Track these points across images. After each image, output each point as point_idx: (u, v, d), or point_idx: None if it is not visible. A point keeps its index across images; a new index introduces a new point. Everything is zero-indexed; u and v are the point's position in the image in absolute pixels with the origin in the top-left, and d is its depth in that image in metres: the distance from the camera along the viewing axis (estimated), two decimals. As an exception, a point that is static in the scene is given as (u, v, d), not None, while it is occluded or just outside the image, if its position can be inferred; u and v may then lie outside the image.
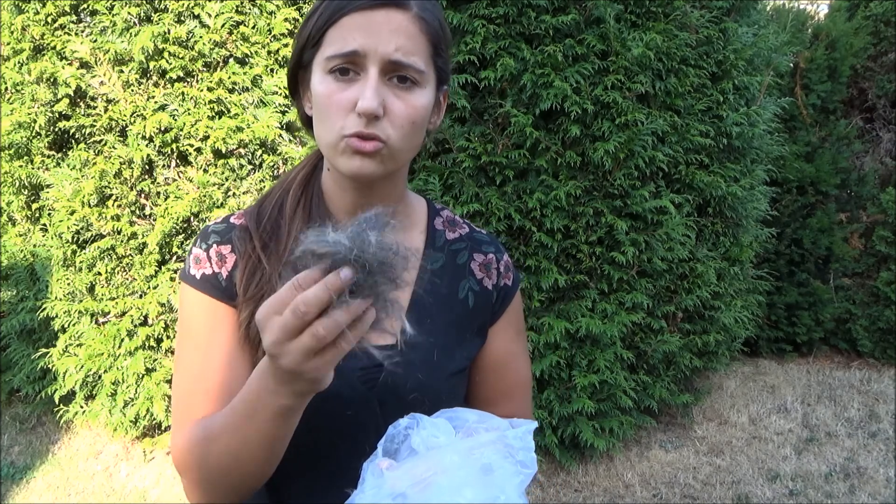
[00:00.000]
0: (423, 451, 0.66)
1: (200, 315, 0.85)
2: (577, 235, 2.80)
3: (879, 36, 4.49)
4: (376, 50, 0.76)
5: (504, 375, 0.97)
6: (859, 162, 4.40)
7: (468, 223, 0.99)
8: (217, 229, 0.88)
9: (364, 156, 0.77)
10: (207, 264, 0.86)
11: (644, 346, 3.08)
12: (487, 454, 0.65)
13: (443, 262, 0.93)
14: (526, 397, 1.00)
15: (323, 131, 0.80)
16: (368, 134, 0.76)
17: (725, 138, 3.08)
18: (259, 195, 2.79)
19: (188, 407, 0.82)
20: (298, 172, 0.91)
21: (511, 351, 0.97)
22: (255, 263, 0.83)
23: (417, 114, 0.79)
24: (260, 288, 0.81)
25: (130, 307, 2.87)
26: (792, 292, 4.27)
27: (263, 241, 0.85)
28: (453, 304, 0.92)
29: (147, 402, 2.93)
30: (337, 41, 0.77)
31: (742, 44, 3.11)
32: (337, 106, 0.77)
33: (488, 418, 0.72)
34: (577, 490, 2.97)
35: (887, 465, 3.17)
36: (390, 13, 0.77)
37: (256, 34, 2.73)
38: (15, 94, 2.97)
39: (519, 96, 2.71)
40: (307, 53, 0.82)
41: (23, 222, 3.17)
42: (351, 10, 0.77)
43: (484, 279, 0.94)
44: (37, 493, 2.91)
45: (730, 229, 3.30)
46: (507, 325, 0.97)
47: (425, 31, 0.80)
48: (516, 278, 0.98)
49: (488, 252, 0.96)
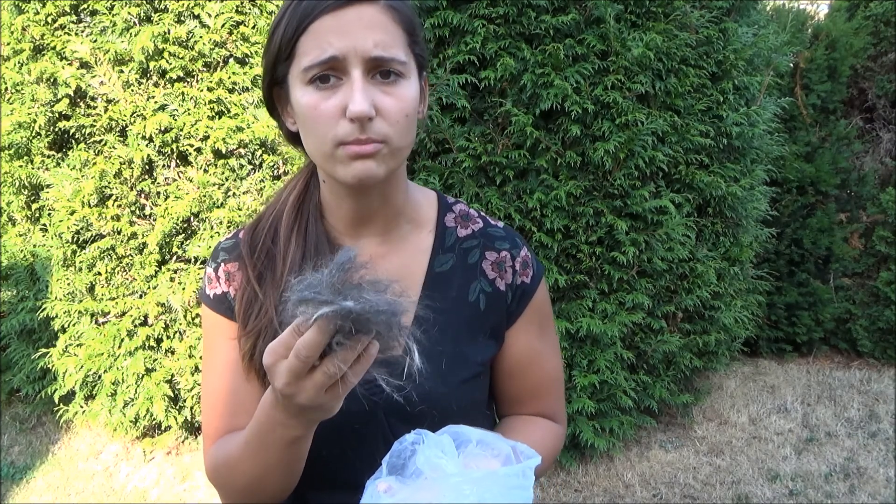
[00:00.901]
0: (425, 473, 0.68)
1: (216, 334, 0.87)
2: (577, 235, 2.80)
3: (879, 36, 4.49)
4: (355, 50, 0.73)
5: (529, 375, 0.94)
6: (859, 162, 4.40)
7: (484, 217, 0.93)
8: (226, 246, 0.89)
9: (365, 158, 0.75)
10: (217, 284, 0.87)
11: (644, 346, 3.08)
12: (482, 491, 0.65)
13: (452, 264, 0.89)
14: (555, 394, 0.97)
15: (314, 144, 0.77)
16: (366, 139, 0.74)
17: (725, 138, 3.08)
18: (259, 195, 2.80)
19: (211, 422, 0.87)
20: (290, 193, 0.88)
21: (535, 350, 0.93)
22: (251, 295, 0.82)
23: (409, 106, 0.77)
24: (259, 321, 0.81)
25: (130, 307, 2.87)
26: (792, 292, 4.27)
27: (259, 271, 0.83)
28: (463, 308, 0.88)
29: (147, 403, 2.93)
30: (312, 50, 0.74)
31: (742, 44, 3.11)
32: (325, 116, 0.74)
33: (492, 440, 0.73)
34: (577, 490, 2.97)
35: (887, 465, 3.17)
36: (361, 9, 0.73)
37: (256, 34, 2.73)
38: (15, 94, 2.97)
39: (519, 96, 2.71)
40: (280, 68, 0.78)
41: (23, 222, 3.17)
42: (319, 14, 0.73)
43: (496, 279, 0.89)
44: (37, 493, 2.91)
45: (730, 229, 3.30)
46: (528, 325, 0.92)
47: (398, 21, 0.76)
48: (537, 274, 0.92)
49: (502, 249, 0.90)
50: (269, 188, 2.80)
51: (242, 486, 0.79)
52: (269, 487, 0.78)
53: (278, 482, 0.77)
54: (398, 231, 0.87)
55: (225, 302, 0.86)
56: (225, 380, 0.85)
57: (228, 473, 0.81)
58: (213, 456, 0.84)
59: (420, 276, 0.87)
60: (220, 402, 0.85)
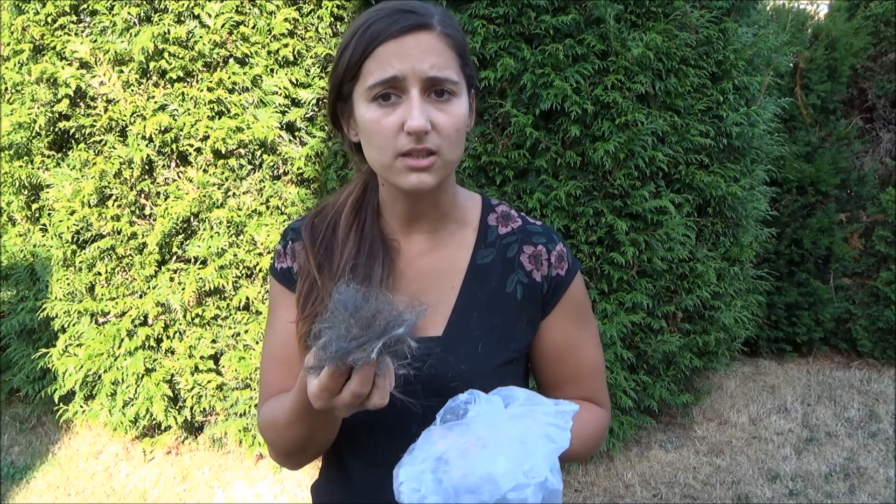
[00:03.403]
0: (471, 422, 0.76)
1: (279, 303, 1.00)
2: (577, 235, 2.80)
3: (879, 36, 4.48)
4: (413, 72, 0.83)
5: (565, 363, 1.01)
6: (859, 162, 4.39)
7: (523, 216, 1.02)
8: (295, 227, 1.01)
9: (421, 171, 0.85)
10: (285, 259, 1.00)
11: (644, 346, 3.08)
12: (522, 428, 0.73)
13: (493, 257, 0.98)
14: (594, 381, 1.04)
15: (375, 154, 0.88)
16: (421, 149, 0.84)
17: (725, 138, 3.08)
18: (259, 195, 2.80)
19: (266, 376, 1.00)
20: (349, 195, 0.99)
21: (571, 340, 1.00)
22: (311, 283, 0.94)
23: (460, 121, 0.87)
24: (315, 307, 0.92)
25: (130, 307, 2.87)
26: (792, 292, 4.27)
27: (318, 262, 0.95)
28: (501, 298, 0.96)
29: (147, 402, 2.93)
30: (376, 71, 0.84)
31: (742, 44, 3.11)
32: (386, 130, 0.85)
33: (535, 398, 0.81)
34: (577, 490, 2.97)
35: (887, 465, 3.17)
36: (419, 36, 0.84)
37: (256, 34, 2.73)
38: (15, 95, 2.97)
39: (519, 96, 2.71)
40: (346, 87, 0.89)
41: (23, 222, 3.17)
42: (384, 40, 0.84)
43: (533, 271, 0.98)
44: (37, 493, 2.91)
45: (730, 229, 3.30)
46: (563, 315, 0.99)
47: (451, 45, 0.87)
48: (572, 268, 1.00)
49: (538, 243, 0.99)
50: (268, 188, 2.80)
51: (285, 445, 0.93)
52: (308, 447, 0.92)
53: (316, 442, 0.91)
54: (445, 229, 0.98)
55: (289, 276, 0.98)
56: (282, 342, 0.97)
57: (274, 433, 0.93)
58: (263, 414, 0.97)
59: (463, 269, 0.97)
60: (276, 362, 0.99)
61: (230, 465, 3.09)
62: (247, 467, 3.07)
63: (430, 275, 0.96)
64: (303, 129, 2.82)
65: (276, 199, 2.80)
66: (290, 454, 0.95)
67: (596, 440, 1.03)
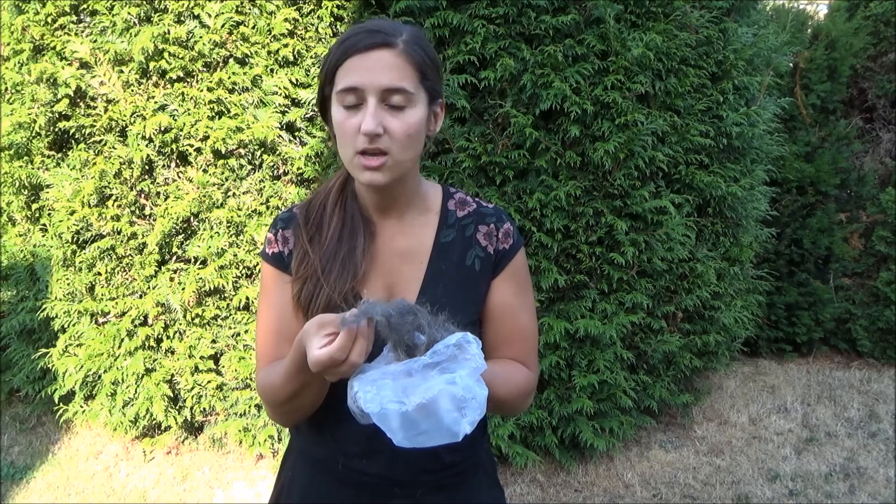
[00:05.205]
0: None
1: (272, 283, 1.14)
2: (577, 235, 2.80)
3: (879, 36, 4.48)
4: (372, 83, 0.99)
5: (503, 324, 1.16)
6: (859, 162, 4.40)
7: (477, 200, 1.19)
8: (283, 217, 1.16)
9: (373, 170, 1.01)
10: (276, 245, 1.14)
11: (644, 346, 3.08)
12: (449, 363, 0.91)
13: (454, 236, 1.15)
14: (525, 344, 1.18)
15: (342, 150, 1.05)
16: (374, 149, 1.00)
17: (725, 138, 3.08)
18: (259, 195, 2.81)
19: (263, 348, 1.15)
20: (336, 180, 1.15)
21: (509, 303, 1.16)
22: (303, 252, 1.11)
23: (412, 128, 1.02)
24: (306, 270, 1.09)
25: (130, 307, 2.87)
26: (792, 292, 4.27)
27: (310, 235, 1.11)
28: (462, 270, 1.13)
29: (147, 402, 2.93)
30: (344, 78, 1.00)
31: (742, 44, 3.11)
32: (349, 130, 1.01)
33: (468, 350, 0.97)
34: (577, 490, 2.97)
35: (887, 465, 3.18)
36: (381, 52, 1.00)
37: (256, 34, 2.73)
38: (15, 95, 2.97)
39: (519, 96, 2.71)
40: (326, 89, 1.05)
41: (23, 222, 3.17)
42: (352, 54, 1.00)
43: (487, 246, 1.15)
44: (37, 493, 2.91)
45: (730, 229, 3.30)
46: (505, 281, 1.15)
47: (411, 62, 1.01)
48: (516, 243, 1.17)
49: (490, 223, 1.16)
50: (268, 188, 2.80)
51: (280, 404, 1.08)
52: (300, 405, 1.07)
53: (307, 400, 1.06)
54: (411, 215, 1.14)
55: (280, 259, 1.13)
56: (275, 316, 1.13)
57: (270, 396, 1.09)
58: (261, 377, 1.12)
59: (429, 247, 1.14)
60: (270, 333, 1.13)
61: (230, 466, 3.09)
62: (247, 467, 3.07)
63: (403, 253, 1.13)
64: (303, 130, 2.82)
65: (276, 200, 2.80)
66: (285, 412, 1.10)
67: (521, 392, 1.16)
